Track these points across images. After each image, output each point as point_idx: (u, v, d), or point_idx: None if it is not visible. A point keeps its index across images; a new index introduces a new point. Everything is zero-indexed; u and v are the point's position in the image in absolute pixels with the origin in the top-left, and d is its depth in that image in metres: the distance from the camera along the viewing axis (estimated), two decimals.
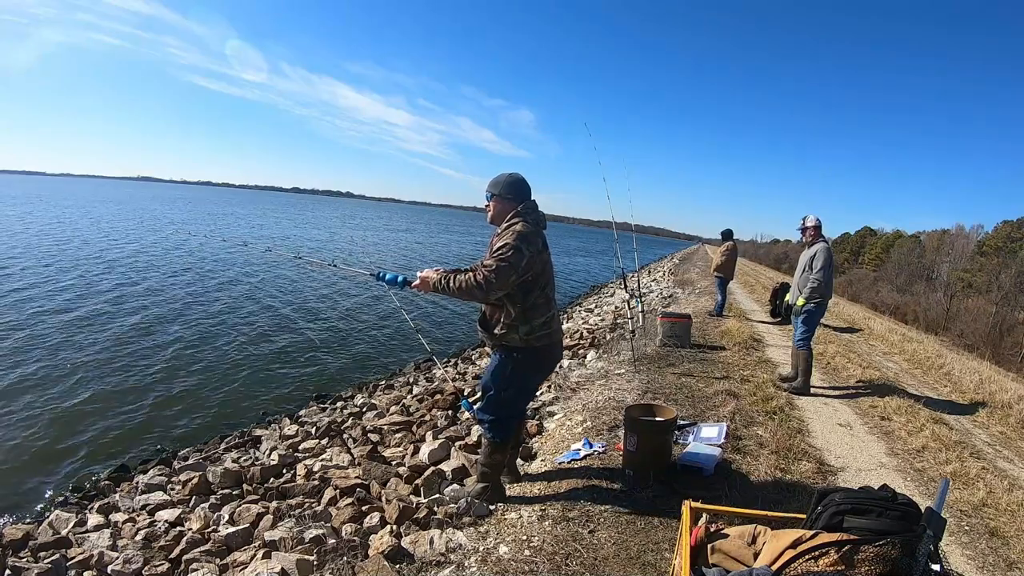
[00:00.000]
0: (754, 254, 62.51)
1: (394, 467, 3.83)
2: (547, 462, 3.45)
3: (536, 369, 2.76)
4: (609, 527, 2.56)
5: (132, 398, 6.37)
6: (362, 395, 6.81)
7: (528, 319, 2.54)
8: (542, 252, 2.59)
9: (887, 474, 3.52)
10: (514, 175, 2.66)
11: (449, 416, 5.05)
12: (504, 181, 2.64)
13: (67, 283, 11.89)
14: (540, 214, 2.66)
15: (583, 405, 4.49)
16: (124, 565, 2.97)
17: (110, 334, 8.53)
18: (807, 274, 5.09)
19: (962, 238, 36.93)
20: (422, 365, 8.31)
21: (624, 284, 6.84)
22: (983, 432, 4.75)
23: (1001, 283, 25.51)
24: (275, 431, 5.60)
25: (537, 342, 2.59)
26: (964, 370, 7.36)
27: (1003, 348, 19.70)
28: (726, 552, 1.62)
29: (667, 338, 6.47)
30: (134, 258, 16.44)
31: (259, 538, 2.98)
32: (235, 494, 3.95)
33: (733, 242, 9.52)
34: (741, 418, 4.12)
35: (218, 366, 7.70)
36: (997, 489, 3.36)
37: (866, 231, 49.33)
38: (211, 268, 15.74)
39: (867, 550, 1.29)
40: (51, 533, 3.45)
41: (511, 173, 2.67)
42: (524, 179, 2.66)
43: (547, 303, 2.63)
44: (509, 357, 2.64)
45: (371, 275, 2.94)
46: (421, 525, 2.71)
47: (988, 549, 2.73)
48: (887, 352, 8.42)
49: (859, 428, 4.38)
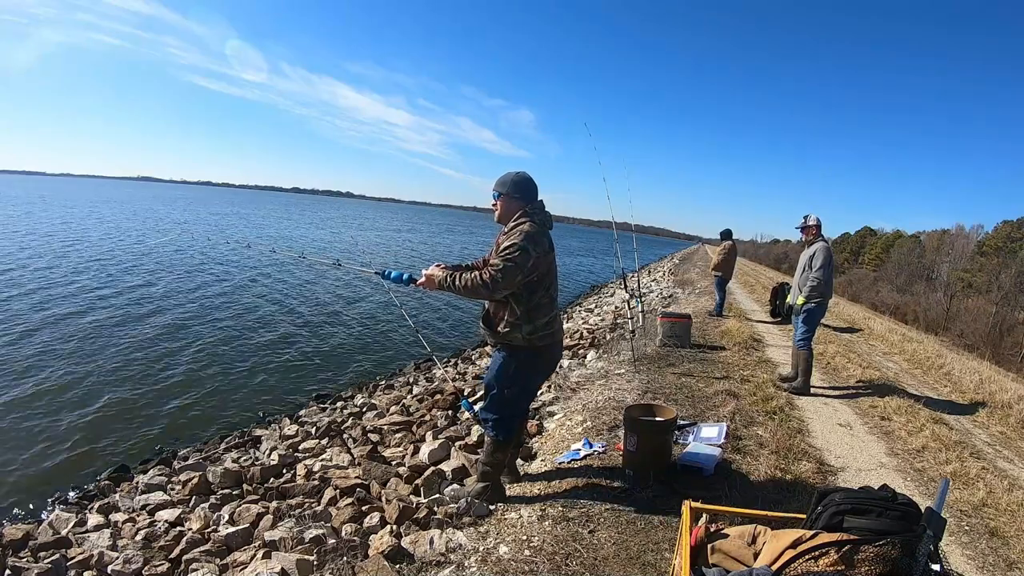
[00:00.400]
0: (754, 254, 62.54)
1: (394, 467, 3.83)
2: (547, 462, 3.45)
3: (538, 368, 2.77)
4: (609, 527, 2.56)
5: (132, 398, 6.37)
6: (362, 395, 6.81)
7: (532, 319, 2.55)
8: (548, 253, 2.60)
9: (887, 474, 3.52)
10: (521, 174, 2.65)
11: (449, 416, 5.05)
12: (511, 180, 2.63)
13: (67, 285, 11.89)
14: (547, 214, 2.67)
15: (583, 405, 4.49)
16: (124, 565, 2.97)
17: (110, 335, 8.52)
18: (807, 273, 5.08)
19: (962, 238, 36.93)
20: (422, 365, 8.31)
21: (624, 284, 6.84)
22: (983, 432, 4.75)
23: (1001, 283, 25.51)
24: (275, 431, 5.60)
25: (540, 342, 2.59)
26: (964, 370, 7.36)
27: (1003, 348, 19.70)
28: (726, 552, 1.62)
29: (667, 338, 6.47)
30: (134, 259, 16.44)
31: (259, 538, 2.98)
32: (235, 494, 3.95)
33: (732, 242, 9.52)
34: (741, 418, 4.12)
35: (218, 366, 7.70)
36: (997, 489, 3.36)
37: (866, 231, 49.34)
38: (212, 269, 15.74)
39: (867, 550, 1.29)
40: (51, 533, 3.45)
41: (518, 172, 2.66)
42: (531, 178, 2.66)
43: (551, 303, 2.63)
44: (512, 356, 2.64)
45: (376, 273, 2.94)
46: (421, 525, 2.71)
47: (988, 549, 2.73)
48: (887, 352, 8.42)
49: (859, 428, 4.38)
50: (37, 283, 11.55)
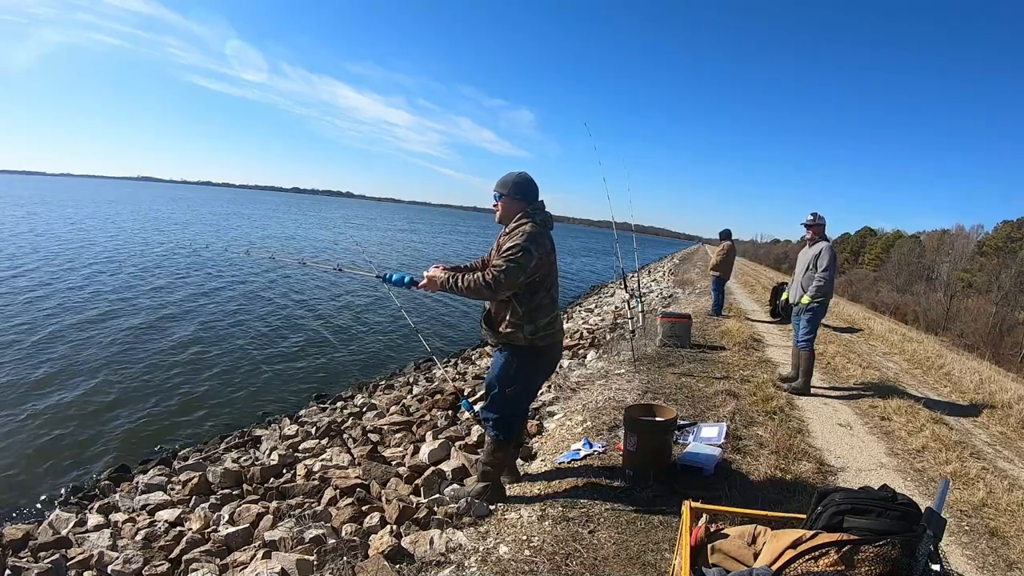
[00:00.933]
0: (754, 254, 62.50)
1: (394, 467, 3.83)
2: (547, 462, 3.45)
3: (539, 368, 2.77)
4: (609, 527, 2.56)
5: (132, 398, 6.37)
6: (362, 395, 6.81)
7: (534, 319, 2.56)
8: (550, 253, 2.60)
9: (887, 474, 3.52)
10: (523, 175, 2.66)
11: (449, 416, 5.05)
12: (512, 181, 2.64)
13: (66, 286, 11.89)
14: (548, 215, 2.68)
15: (583, 405, 4.49)
16: (124, 565, 2.97)
17: (110, 335, 8.52)
18: (811, 273, 5.03)
19: (962, 238, 36.90)
20: (422, 365, 8.31)
21: (624, 284, 6.85)
22: (983, 432, 4.75)
23: (1001, 283, 25.50)
24: (275, 431, 5.60)
25: (541, 342, 2.60)
26: (964, 370, 7.36)
27: (1003, 348, 19.69)
28: (726, 552, 1.62)
29: (667, 338, 6.47)
30: (134, 259, 16.44)
31: (259, 538, 2.98)
32: (235, 494, 3.94)
33: (731, 242, 9.53)
34: (741, 418, 4.12)
35: (218, 366, 7.70)
36: (997, 489, 3.36)
37: (866, 231, 49.31)
38: (213, 271, 15.72)
39: (867, 550, 1.29)
40: (51, 533, 3.45)
41: (520, 172, 2.67)
42: (532, 179, 2.66)
43: (552, 303, 2.64)
44: (514, 356, 2.65)
45: (377, 276, 2.94)
46: (421, 525, 2.71)
47: (988, 549, 2.73)
48: (887, 352, 8.42)
49: (859, 428, 4.38)
50: (36, 283, 11.56)
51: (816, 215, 5.19)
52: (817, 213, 5.19)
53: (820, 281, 4.94)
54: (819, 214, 5.19)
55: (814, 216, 5.19)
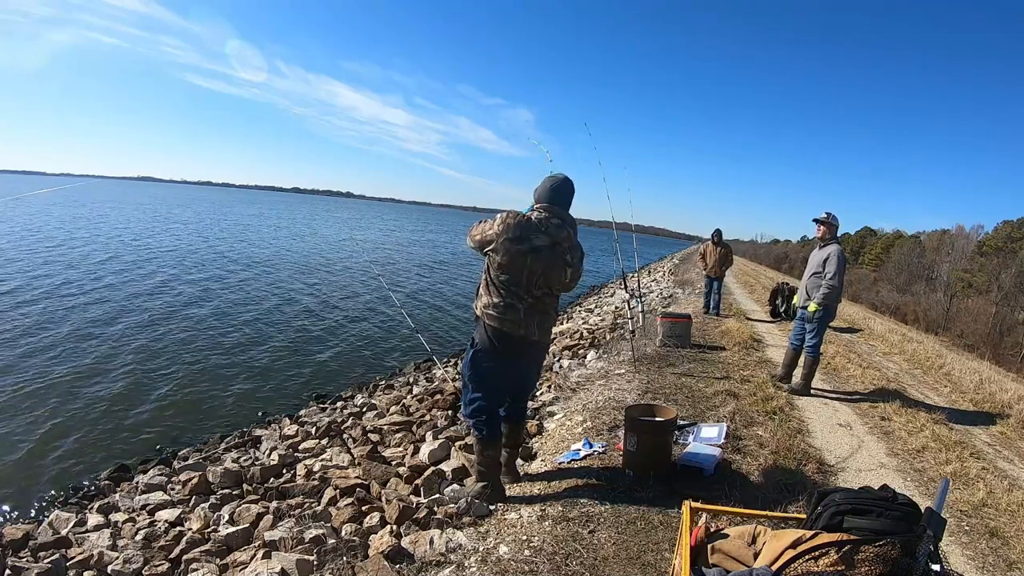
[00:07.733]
0: (754, 254, 62.40)
1: (394, 467, 3.83)
2: (547, 462, 3.45)
3: (496, 358, 2.70)
4: (609, 527, 2.56)
5: (132, 398, 6.37)
6: (362, 395, 6.81)
7: (490, 293, 2.67)
8: (520, 246, 2.57)
9: (887, 474, 3.52)
10: (555, 181, 2.74)
11: (449, 416, 5.05)
12: (540, 188, 2.76)
13: (66, 286, 11.89)
14: (552, 220, 2.66)
15: (583, 405, 4.49)
16: (124, 565, 2.97)
17: (110, 335, 8.53)
18: (816, 279, 4.91)
19: (962, 238, 36.88)
20: (422, 365, 8.31)
21: (624, 284, 6.85)
22: (983, 432, 4.75)
23: (1001, 283, 25.48)
24: (275, 431, 5.60)
25: (489, 320, 2.65)
26: (964, 370, 7.36)
27: (1003, 348, 19.67)
28: (726, 552, 1.62)
29: (667, 338, 6.47)
30: (134, 260, 16.44)
31: (259, 538, 2.98)
32: (235, 494, 3.95)
33: (717, 242, 9.54)
34: (741, 418, 4.12)
35: (218, 366, 7.71)
36: (997, 489, 3.36)
37: (866, 231, 49.29)
38: (214, 271, 15.74)
39: (867, 550, 1.29)
40: (51, 533, 3.45)
41: (552, 177, 2.77)
42: (563, 185, 2.73)
43: (519, 294, 2.62)
44: (472, 345, 2.77)
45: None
46: (421, 525, 2.71)
47: (988, 549, 2.73)
48: (887, 352, 8.42)
49: (859, 428, 4.38)
50: (35, 284, 11.56)
51: (830, 214, 5.04)
52: (831, 213, 5.04)
53: (828, 289, 4.80)
54: (833, 214, 5.05)
55: (828, 215, 5.04)
